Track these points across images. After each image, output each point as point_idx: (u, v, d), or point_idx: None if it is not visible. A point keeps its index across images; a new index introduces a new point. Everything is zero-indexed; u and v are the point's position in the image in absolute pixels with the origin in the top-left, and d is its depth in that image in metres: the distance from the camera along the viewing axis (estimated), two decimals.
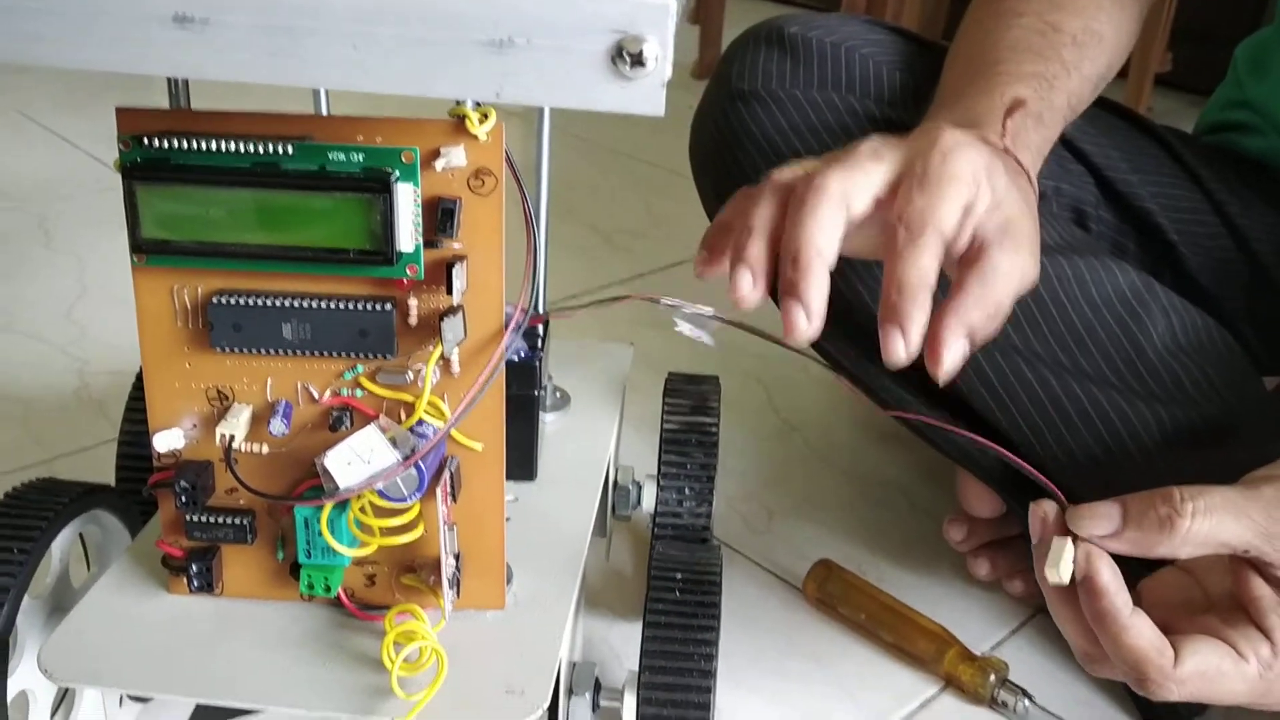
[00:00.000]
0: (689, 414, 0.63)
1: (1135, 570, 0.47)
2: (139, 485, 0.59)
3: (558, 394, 0.63)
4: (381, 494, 0.43)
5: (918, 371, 0.65)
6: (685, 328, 0.52)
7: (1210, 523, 0.45)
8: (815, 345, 0.69)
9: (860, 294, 0.65)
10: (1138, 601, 0.47)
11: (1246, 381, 0.65)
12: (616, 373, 0.67)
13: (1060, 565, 0.45)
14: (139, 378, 0.61)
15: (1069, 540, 0.46)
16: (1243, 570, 0.47)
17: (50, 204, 1.21)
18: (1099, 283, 0.65)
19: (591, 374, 0.66)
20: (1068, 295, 0.64)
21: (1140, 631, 0.45)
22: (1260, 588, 0.46)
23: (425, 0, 0.29)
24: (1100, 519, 0.46)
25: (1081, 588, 0.46)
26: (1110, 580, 0.45)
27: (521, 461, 0.56)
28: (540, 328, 0.55)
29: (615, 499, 0.64)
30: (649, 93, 0.29)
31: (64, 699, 0.54)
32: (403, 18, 0.29)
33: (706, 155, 0.71)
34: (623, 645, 0.64)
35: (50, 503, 0.51)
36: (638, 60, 0.28)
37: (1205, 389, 0.64)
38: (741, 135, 0.68)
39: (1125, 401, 0.63)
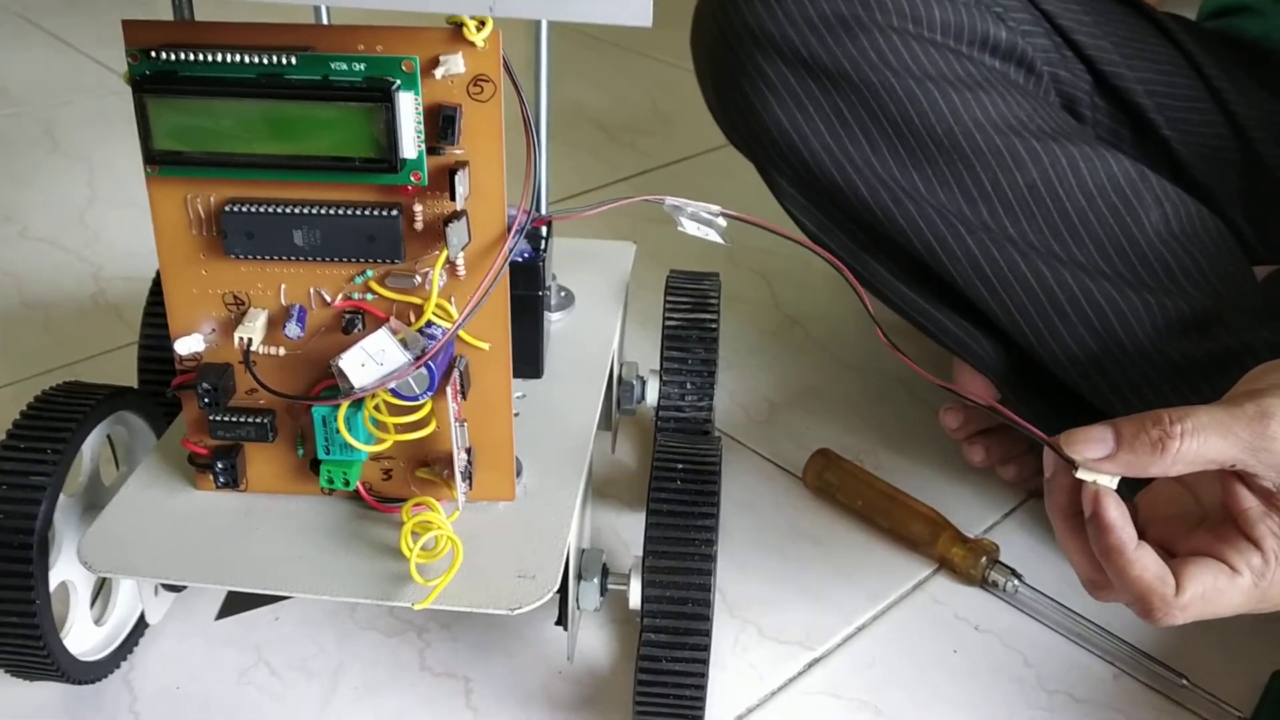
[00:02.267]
0: (690, 311, 0.65)
1: (1129, 484, 0.49)
2: (161, 387, 0.61)
3: (562, 293, 0.65)
4: (394, 393, 0.45)
5: (913, 260, 0.67)
6: (690, 227, 0.53)
7: (1199, 442, 0.46)
8: (816, 239, 0.70)
9: (859, 190, 0.66)
10: (1135, 517, 0.48)
11: (1236, 270, 0.67)
12: (620, 271, 0.68)
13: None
14: (156, 283, 0.63)
15: None
16: (1231, 483, 0.48)
17: (54, 108, 1.21)
18: (1093, 171, 0.66)
19: (595, 272, 0.67)
20: (1062, 184, 0.65)
21: (1145, 565, 0.46)
22: (1248, 499, 0.47)
23: None
24: (1094, 443, 0.47)
25: (1090, 524, 0.47)
26: (1117, 516, 0.47)
27: (528, 359, 0.58)
28: (544, 229, 0.57)
29: (620, 394, 0.66)
30: (636, 4, 0.30)
31: (101, 589, 0.57)
32: None
33: (706, 52, 0.72)
34: (629, 533, 0.67)
35: (79, 405, 0.53)
36: None
37: (1196, 277, 0.65)
38: (740, 29, 0.68)
39: (1117, 290, 0.64)
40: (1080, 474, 0.47)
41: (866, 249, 0.69)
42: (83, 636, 0.55)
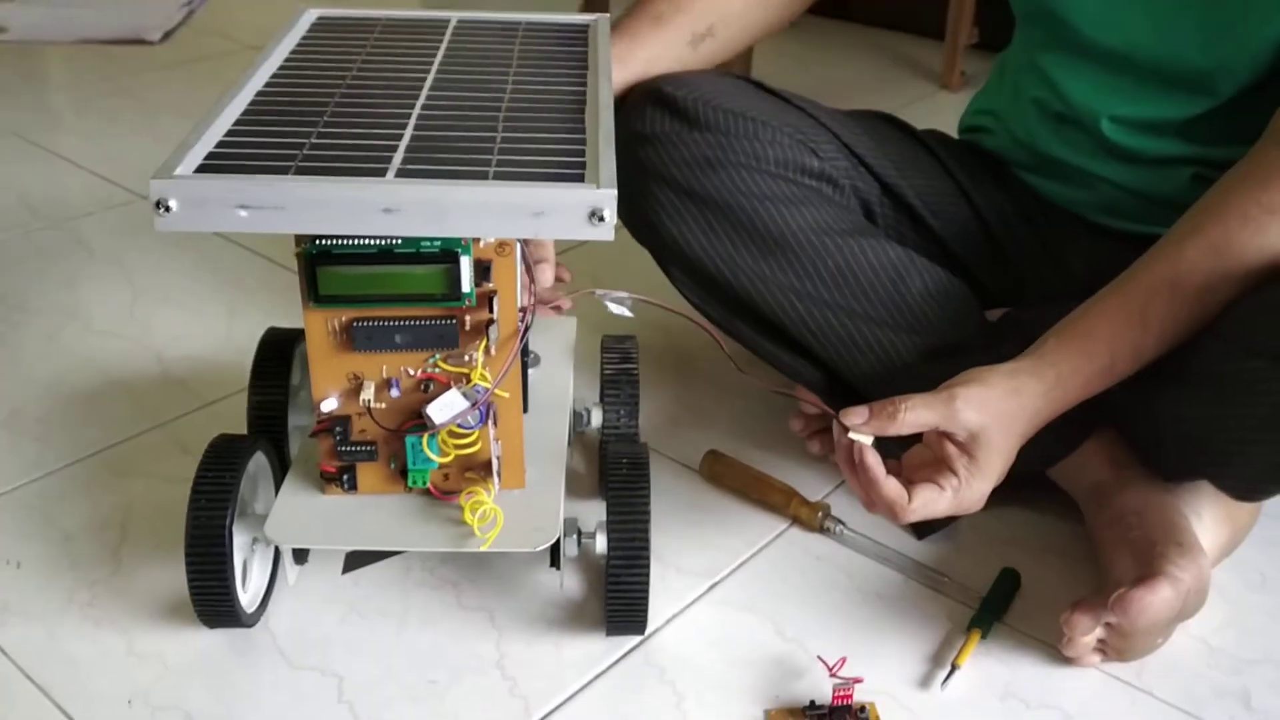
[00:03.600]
0: (619, 363, 0.97)
1: (902, 447, 0.83)
2: (265, 435, 0.91)
3: (533, 355, 0.97)
4: (460, 425, 0.76)
5: (764, 320, 1.00)
6: (613, 307, 0.86)
7: (915, 414, 0.81)
8: (699, 310, 1.03)
9: (726, 276, 0.99)
10: (900, 466, 0.82)
11: (971, 317, 1.02)
12: (568, 338, 1.00)
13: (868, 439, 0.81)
14: (255, 366, 0.93)
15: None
16: (942, 440, 0.82)
17: (79, 220, 1.48)
18: (877, 255, 1.00)
19: (551, 340, 1.00)
20: (857, 265, 0.99)
21: (890, 488, 0.81)
22: (949, 447, 0.82)
23: (509, 198, 0.62)
24: (857, 416, 0.81)
25: (860, 466, 0.82)
26: (873, 461, 0.81)
27: (521, 400, 0.89)
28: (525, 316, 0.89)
29: (573, 421, 0.98)
30: (606, 230, 0.63)
31: (244, 566, 0.87)
32: (499, 206, 0.62)
33: (620, 188, 1.03)
34: (584, 513, 0.98)
35: (239, 449, 0.83)
36: (601, 219, 0.62)
37: (943, 323, 1.00)
38: (640, 168, 1.00)
39: (893, 333, 0.98)
40: (851, 435, 0.81)
41: (734, 315, 1.02)
42: (239, 597, 0.85)
